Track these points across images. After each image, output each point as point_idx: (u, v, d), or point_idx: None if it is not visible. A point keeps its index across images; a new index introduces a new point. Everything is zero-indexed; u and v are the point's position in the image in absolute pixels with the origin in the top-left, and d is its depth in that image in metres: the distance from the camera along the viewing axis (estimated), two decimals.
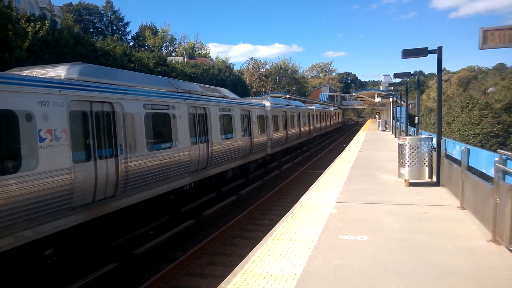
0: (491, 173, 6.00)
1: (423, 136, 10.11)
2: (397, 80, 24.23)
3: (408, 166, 9.44)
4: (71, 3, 69.51)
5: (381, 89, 52.62)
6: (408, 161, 9.42)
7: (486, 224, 5.98)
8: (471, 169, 7.43)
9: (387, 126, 36.98)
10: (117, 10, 75.08)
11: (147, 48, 64.49)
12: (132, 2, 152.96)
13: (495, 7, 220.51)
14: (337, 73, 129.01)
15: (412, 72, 16.31)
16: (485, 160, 6.71)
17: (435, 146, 9.74)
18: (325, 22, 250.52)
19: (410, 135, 19.70)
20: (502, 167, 5.42)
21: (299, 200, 8.49)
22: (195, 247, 8.94)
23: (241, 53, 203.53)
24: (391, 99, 32.24)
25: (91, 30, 67.29)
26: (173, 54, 74.52)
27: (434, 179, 9.74)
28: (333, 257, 5.13)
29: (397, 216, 7.00)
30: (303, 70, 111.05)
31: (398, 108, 27.54)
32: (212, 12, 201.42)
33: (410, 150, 9.38)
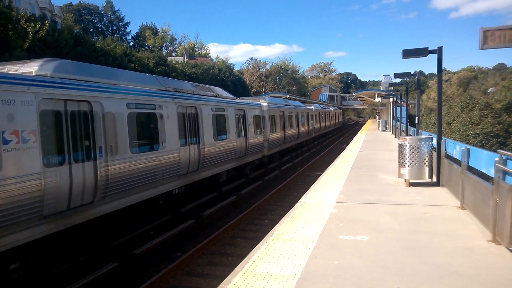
0: (491, 173, 6.00)
1: (423, 136, 10.12)
2: (397, 80, 24.23)
3: (408, 166, 9.45)
4: (71, 3, 69.73)
5: (381, 89, 52.63)
6: (408, 161, 9.42)
7: (486, 224, 5.99)
8: (471, 169, 7.43)
9: (387, 126, 36.99)
10: (117, 10, 75.38)
11: (147, 48, 64.56)
12: (132, 2, 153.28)
13: (495, 7, 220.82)
14: (337, 73, 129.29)
15: (412, 72, 16.32)
16: (485, 160, 6.72)
17: (435, 146, 9.75)
18: (325, 22, 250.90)
19: (410, 135, 19.72)
20: (502, 167, 5.42)
21: (299, 200, 8.49)
22: (195, 247, 8.95)
23: (241, 53, 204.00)
24: (391, 99, 32.25)
25: (91, 30, 67.36)
26: (173, 54, 74.57)
27: (434, 179, 9.74)
28: (333, 257, 5.13)
29: (397, 216, 7.01)
30: (303, 70, 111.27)
31: (398, 108, 27.55)
32: (212, 12, 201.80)
33: (410, 150, 9.39)
